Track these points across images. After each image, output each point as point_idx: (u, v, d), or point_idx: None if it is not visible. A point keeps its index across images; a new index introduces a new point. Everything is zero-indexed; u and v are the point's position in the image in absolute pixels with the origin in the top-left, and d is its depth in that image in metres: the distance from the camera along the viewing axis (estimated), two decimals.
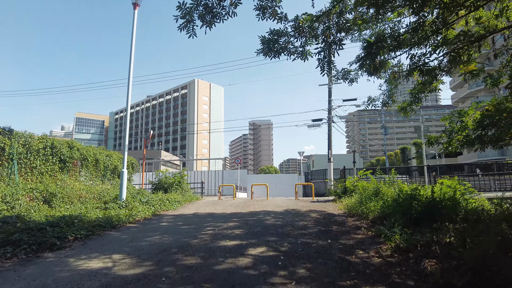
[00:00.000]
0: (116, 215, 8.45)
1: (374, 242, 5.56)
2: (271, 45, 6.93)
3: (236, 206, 11.27)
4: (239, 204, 11.72)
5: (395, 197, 7.49)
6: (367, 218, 7.70)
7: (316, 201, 12.94)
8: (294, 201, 12.68)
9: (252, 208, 10.56)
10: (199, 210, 10.33)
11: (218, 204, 12.00)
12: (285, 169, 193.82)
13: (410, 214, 6.46)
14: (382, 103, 9.76)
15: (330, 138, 25.07)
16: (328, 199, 13.47)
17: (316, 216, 8.57)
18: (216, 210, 10.20)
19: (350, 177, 12.69)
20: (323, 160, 44.35)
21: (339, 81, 9.59)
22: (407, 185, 9.45)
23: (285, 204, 11.37)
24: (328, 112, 25.14)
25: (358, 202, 9.21)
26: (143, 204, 10.55)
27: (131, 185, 16.88)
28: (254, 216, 8.60)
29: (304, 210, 9.78)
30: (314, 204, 11.66)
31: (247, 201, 12.87)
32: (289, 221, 7.81)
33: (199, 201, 13.96)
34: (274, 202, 12.15)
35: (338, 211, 9.61)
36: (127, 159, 17.16)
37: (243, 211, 9.80)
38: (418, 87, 9.06)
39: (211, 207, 11.22)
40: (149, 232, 6.91)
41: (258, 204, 11.59)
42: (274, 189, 36.40)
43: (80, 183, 13.23)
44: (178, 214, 9.59)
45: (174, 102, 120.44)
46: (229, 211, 9.94)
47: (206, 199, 15.38)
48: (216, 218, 8.59)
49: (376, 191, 9.20)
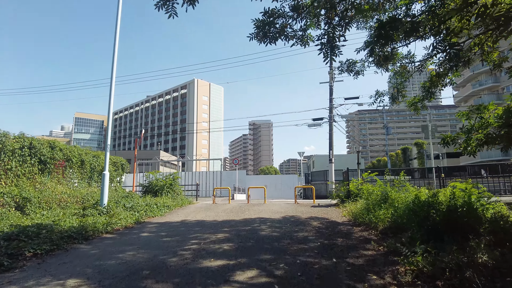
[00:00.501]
0: (92, 224, 7.50)
1: (388, 262, 4.60)
2: (266, 28, 5.97)
3: (230, 211, 10.31)
4: (234, 210, 10.76)
5: (409, 204, 6.53)
6: (376, 228, 6.74)
7: (317, 205, 11.98)
8: (294, 206, 11.72)
9: (247, 214, 9.60)
10: (188, 217, 9.37)
11: (210, 210, 11.04)
12: (285, 169, 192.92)
13: (428, 226, 5.52)
14: (390, 98, 8.82)
15: (331, 138, 24.11)
16: (330, 203, 12.51)
17: (317, 225, 7.61)
18: (207, 217, 9.24)
19: (354, 180, 11.73)
20: (323, 160, 43.37)
21: (343, 73, 8.65)
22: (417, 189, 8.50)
23: (283, 210, 10.41)
24: (329, 110, 24.18)
25: (365, 208, 8.25)
26: (127, 210, 9.60)
27: (121, 188, 15.94)
28: (248, 225, 7.63)
29: (304, 217, 8.82)
30: (315, 209, 10.70)
31: (243, 206, 11.91)
32: (287, 231, 6.84)
33: (191, 205, 12.99)
34: (272, 207, 11.19)
35: (342, 219, 8.64)
36: (117, 160, 16.26)
37: (237, 218, 8.83)
38: (432, 80, 8.11)
39: (202, 213, 10.26)
40: (124, 245, 5.96)
41: (254, 210, 10.63)
42: (274, 190, 35.44)
43: (63, 186, 12.29)
44: (164, 222, 8.62)
45: (173, 102, 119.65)
46: (221, 218, 8.98)
47: (200, 203, 14.42)
48: (205, 227, 7.63)
49: (384, 196, 8.24)
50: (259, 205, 12.06)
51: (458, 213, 5.51)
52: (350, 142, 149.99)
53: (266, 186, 35.56)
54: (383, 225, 6.65)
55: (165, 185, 13.74)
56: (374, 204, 8.10)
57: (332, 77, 24.11)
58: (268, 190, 34.83)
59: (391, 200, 7.85)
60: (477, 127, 7.28)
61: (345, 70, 8.54)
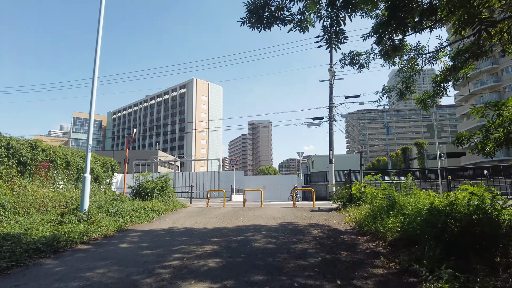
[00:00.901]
0: (67, 233, 6.72)
1: (403, 285, 3.83)
2: (260, 12, 5.21)
3: (223, 217, 9.53)
4: (227, 215, 9.98)
5: (423, 212, 5.77)
6: (384, 239, 5.98)
7: (318, 209, 11.22)
8: (292, 210, 10.95)
9: (241, 220, 8.81)
10: (176, 224, 8.58)
11: (202, 215, 10.26)
12: (284, 169, 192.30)
13: (446, 238, 4.77)
14: (398, 94, 8.05)
15: (331, 137, 23.35)
16: (331, 207, 11.75)
17: (318, 234, 6.84)
18: (197, 224, 8.45)
19: (356, 182, 10.97)
20: (323, 161, 42.60)
21: (346, 67, 7.87)
22: (425, 193, 7.75)
23: (281, 215, 9.63)
24: (330, 109, 23.42)
25: (370, 215, 7.49)
26: (111, 216, 8.81)
27: (110, 190, 15.16)
28: (241, 234, 6.85)
29: (304, 224, 8.05)
30: (315, 214, 9.92)
31: (238, 210, 11.13)
32: (284, 242, 6.07)
33: (183, 209, 12.21)
34: (269, 212, 10.41)
35: (345, 226, 7.87)
36: (106, 161, 15.47)
37: (229, 225, 8.05)
38: (444, 74, 7.35)
39: (193, 218, 9.48)
40: (97, 260, 5.18)
41: (249, 215, 9.85)
42: (273, 191, 34.68)
43: (47, 189, 11.50)
44: (149, 230, 7.84)
45: (172, 101, 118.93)
46: (213, 225, 8.20)
47: (194, 206, 13.64)
48: (192, 236, 6.85)
49: (391, 202, 7.48)
50: (255, 210, 11.28)
51: (475, 221, 4.76)
52: (349, 142, 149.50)
53: (265, 187, 34.81)
54: (392, 236, 5.88)
55: (156, 187, 12.96)
56: (380, 211, 7.34)
57: (332, 75, 23.35)
58: (266, 191, 34.02)
59: (399, 206, 7.09)
60: (496, 125, 6.52)
61: (348, 63, 7.79)
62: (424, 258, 4.39)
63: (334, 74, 23.56)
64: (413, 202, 6.89)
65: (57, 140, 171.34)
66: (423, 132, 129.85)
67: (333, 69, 23.22)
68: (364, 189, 10.71)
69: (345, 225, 7.94)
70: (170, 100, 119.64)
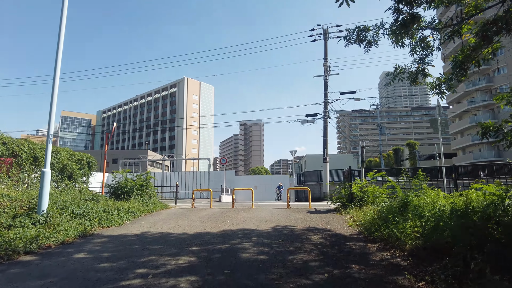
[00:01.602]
0: (12, 240, 5.44)
1: None
2: None
3: (208, 220, 8.30)
4: (213, 217, 8.76)
5: (446, 215, 4.69)
6: (401, 247, 4.86)
7: (314, 211, 10.09)
8: (286, 212, 9.79)
9: (229, 223, 7.61)
10: (152, 228, 7.34)
11: (185, 217, 9.02)
12: (276, 170, 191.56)
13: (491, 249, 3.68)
14: (410, 78, 6.97)
15: (325, 135, 22.31)
16: (329, 208, 10.64)
17: (319, 241, 5.69)
18: (176, 228, 7.21)
19: (357, 180, 9.88)
20: (315, 160, 41.65)
21: (352, 45, 6.74)
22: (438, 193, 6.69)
23: (274, 217, 8.46)
24: (324, 106, 22.38)
25: (379, 218, 6.38)
26: (76, 218, 7.51)
27: (86, 189, 13.79)
28: (226, 242, 5.65)
29: (301, 228, 6.89)
30: (313, 216, 8.78)
31: (225, 212, 9.92)
32: (279, 252, 4.90)
33: (165, 210, 10.95)
34: (260, 214, 9.23)
35: (349, 230, 6.74)
36: (82, 157, 14.09)
37: (213, 230, 6.84)
38: (465, 52, 6.30)
39: (173, 221, 8.23)
40: (33, 278, 3.93)
41: (238, 217, 8.65)
42: (264, 191, 33.50)
43: (7, 187, 10.12)
44: (117, 235, 6.58)
45: (163, 100, 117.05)
46: (194, 229, 6.97)
47: (178, 207, 12.38)
48: (167, 244, 5.62)
49: (403, 202, 6.38)
50: (245, 211, 10.09)
51: None
52: (341, 143, 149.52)
53: (256, 187, 33.58)
54: (412, 243, 4.77)
55: (135, 186, 11.66)
56: (390, 212, 6.24)
57: (327, 69, 22.34)
58: (258, 191, 32.82)
59: (413, 207, 6.01)
60: None
61: (354, 40, 6.67)
62: (468, 275, 3.28)
63: (329, 68, 22.55)
64: (430, 203, 5.82)
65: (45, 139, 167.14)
66: (414, 133, 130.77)
67: (327, 63, 22.21)
68: (365, 188, 9.63)
69: (348, 229, 6.81)
70: (161, 99, 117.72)
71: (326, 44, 22.88)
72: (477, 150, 56.36)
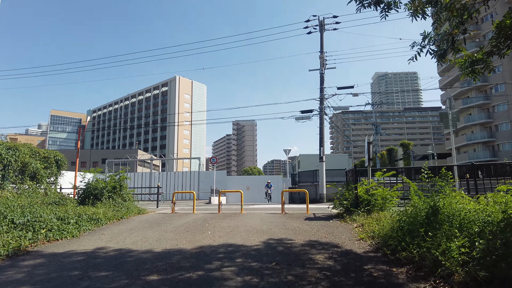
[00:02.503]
0: None
1: None
2: None
3: (185, 230, 6.77)
4: (192, 226, 7.22)
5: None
6: (446, 276, 3.42)
7: (314, 217, 8.63)
8: (281, 218, 8.30)
9: (209, 236, 6.08)
10: (112, 242, 5.77)
11: (158, 225, 7.46)
12: (269, 170, 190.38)
13: None
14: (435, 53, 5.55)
15: (322, 132, 20.91)
16: (329, 213, 9.20)
17: (327, 264, 4.22)
18: (142, 243, 5.66)
19: (364, 181, 8.45)
20: (310, 160, 40.26)
21: (365, 9, 5.28)
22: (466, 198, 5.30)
23: (266, 227, 6.95)
24: (320, 101, 20.98)
25: (400, 229, 4.95)
26: (16, 229, 5.93)
27: (54, 191, 12.13)
28: (200, 266, 4.13)
29: (300, 243, 5.41)
30: (312, 224, 7.31)
31: (209, 219, 8.39)
32: (272, 285, 3.42)
33: (139, 216, 9.37)
34: (250, 222, 7.71)
35: (362, 245, 5.28)
36: (50, 154, 12.45)
37: (188, 246, 5.30)
38: None
39: (141, 232, 6.68)
40: None
41: (222, 226, 7.13)
42: (257, 192, 31.96)
43: None
44: (61, 253, 5.02)
45: (154, 99, 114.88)
46: (163, 245, 5.43)
47: (156, 212, 10.81)
48: (120, 270, 4.08)
49: (432, 209, 4.95)
50: (232, 217, 8.57)
51: None
52: (334, 143, 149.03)
53: (248, 188, 31.99)
54: (466, 273, 3.32)
55: (105, 188, 10.06)
56: (416, 222, 4.81)
57: (323, 63, 20.95)
58: (250, 192, 31.25)
59: (446, 217, 4.59)
60: None
61: (368, 3, 5.24)
62: None
63: (326, 62, 21.17)
64: (474, 212, 4.40)
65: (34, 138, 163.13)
66: (406, 134, 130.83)
67: (324, 55, 20.82)
68: (373, 190, 8.22)
69: (360, 244, 5.36)
70: (152, 98, 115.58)
71: (322, 36, 21.50)
72: (472, 150, 55.70)
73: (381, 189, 8.17)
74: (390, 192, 8.04)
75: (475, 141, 53.27)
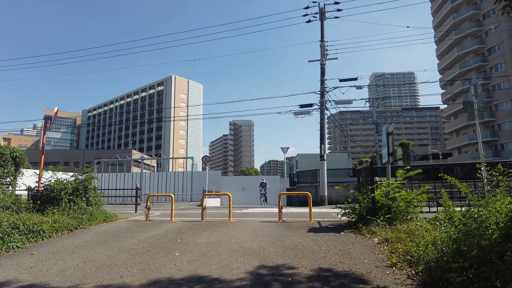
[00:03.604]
0: None
1: None
2: None
3: (147, 249, 4.96)
4: (159, 242, 5.42)
5: None
6: None
7: (319, 227, 6.85)
8: (277, 230, 6.51)
9: (175, 261, 4.26)
10: (29, 272, 3.96)
11: (116, 241, 5.65)
12: (266, 171, 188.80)
13: None
14: None
15: (323, 128, 19.16)
16: (337, 221, 7.43)
17: None
18: (72, 274, 3.85)
19: (383, 182, 6.68)
20: (308, 160, 38.54)
21: None
22: None
23: (257, 243, 5.16)
24: (321, 95, 19.23)
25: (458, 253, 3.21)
26: None
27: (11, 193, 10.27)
28: None
29: (306, 275, 3.62)
30: (319, 239, 5.53)
31: (186, 230, 6.58)
32: None
33: (104, 224, 7.57)
34: (237, 236, 5.87)
35: (399, 278, 3.49)
36: (4, 150, 10.62)
37: (136, 281, 3.48)
38: None
39: (88, 251, 4.87)
40: None
41: (198, 243, 5.32)
42: (253, 193, 30.05)
43: None
44: None
45: (150, 99, 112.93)
46: (101, 278, 3.62)
47: (127, 219, 8.99)
48: None
49: None
50: (215, 228, 6.77)
51: None
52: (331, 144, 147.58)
53: (244, 189, 30.10)
54: None
55: (65, 190, 8.24)
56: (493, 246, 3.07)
57: (324, 53, 19.22)
58: (246, 193, 29.34)
59: None
60: None
61: None
62: None
63: (327, 52, 19.45)
64: None
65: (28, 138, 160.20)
66: (404, 134, 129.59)
67: (325, 44, 19.09)
68: (394, 193, 6.49)
69: (395, 274, 3.59)
70: (148, 97, 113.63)
71: (322, 25, 19.77)
72: (473, 150, 54.12)
73: (404, 192, 6.44)
74: (418, 196, 6.32)
75: (477, 140, 51.88)
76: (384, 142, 6.78)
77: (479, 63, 51.51)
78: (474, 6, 51.98)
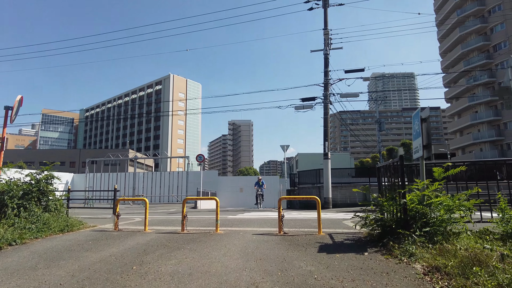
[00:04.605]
0: None
1: None
2: None
3: (81, 284, 3.35)
4: (107, 270, 3.78)
5: None
6: None
7: (332, 243, 5.22)
8: (278, 249, 4.87)
9: None
10: None
11: (55, 265, 4.00)
12: (265, 171, 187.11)
13: None
14: None
15: (326, 124, 17.50)
16: (354, 232, 5.80)
17: None
18: None
19: (419, 183, 5.04)
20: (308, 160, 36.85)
21: None
22: None
23: (247, 276, 3.50)
24: (324, 87, 17.58)
25: None
26: None
27: None
28: None
29: None
30: (337, 267, 3.88)
31: (152, 251, 4.93)
32: None
33: (58, 236, 5.93)
34: (220, 261, 4.19)
35: None
36: None
37: None
38: None
39: (14, 280, 3.26)
40: None
41: (162, 274, 3.70)
42: (251, 194, 28.41)
43: None
44: None
45: (148, 98, 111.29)
46: None
47: (95, 228, 7.36)
48: None
49: None
50: (195, 246, 5.11)
51: None
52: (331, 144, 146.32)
53: (242, 190, 28.34)
54: None
55: (11, 193, 6.59)
56: None
57: (327, 42, 17.60)
58: (244, 194, 27.59)
59: None
60: None
61: None
62: None
63: (331, 41, 17.84)
64: None
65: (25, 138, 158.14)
66: (405, 134, 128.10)
67: (328, 32, 17.48)
68: (430, 198, 4.86)
69: None
70: (146, 97, 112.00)
71: (326, 11, 18.15)
72: (478, 150, 52.45)
73: (445, 197, 4.83)
74: (465, 202, 4.69)
75: (482, 140, 50.13)
76: (417, 131, 5.15)
77: (484, 61, 49.89)
78: (479, 2, 50.42)
